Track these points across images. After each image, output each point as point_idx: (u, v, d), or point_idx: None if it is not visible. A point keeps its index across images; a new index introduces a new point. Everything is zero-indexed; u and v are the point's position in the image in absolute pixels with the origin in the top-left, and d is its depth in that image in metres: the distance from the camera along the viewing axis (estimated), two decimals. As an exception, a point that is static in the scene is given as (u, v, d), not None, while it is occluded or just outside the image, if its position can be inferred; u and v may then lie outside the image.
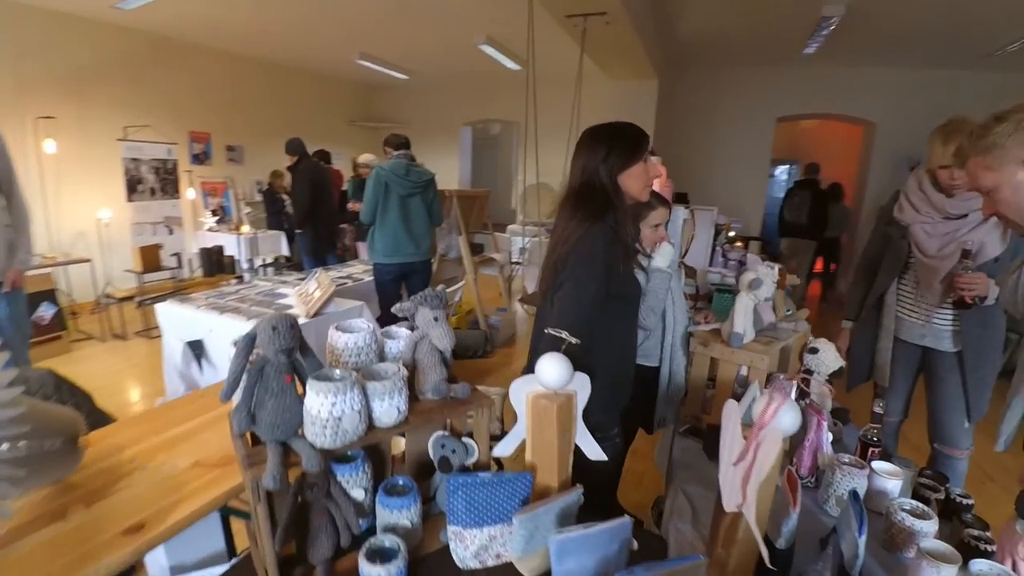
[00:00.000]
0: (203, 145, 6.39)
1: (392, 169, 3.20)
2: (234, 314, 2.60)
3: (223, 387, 0.82)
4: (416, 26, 5.19)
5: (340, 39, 5.80)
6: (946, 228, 1.74)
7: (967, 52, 5.00)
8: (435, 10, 4.67)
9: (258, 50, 6.53)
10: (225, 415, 1.30)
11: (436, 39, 5.67)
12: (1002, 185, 1.02)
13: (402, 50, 6.25)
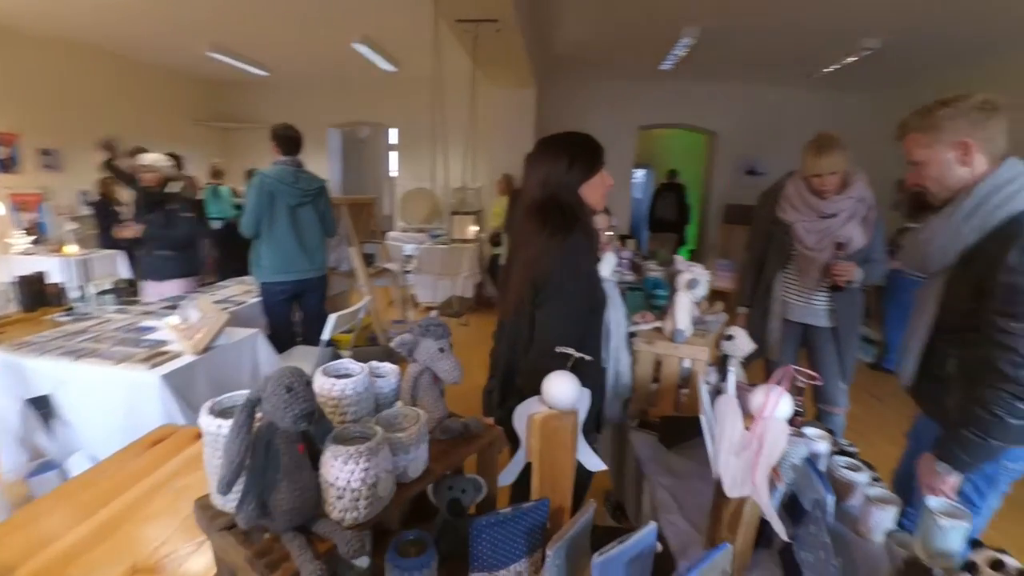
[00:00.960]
0: (9, 149, 5.18)
1: (278, 176, 2.88)
2: (93, 359, 2.08)
3: (221, 479, 0.63)
4: (281, 19, 4.76)
5: (188, 27, 5.09)
6: (821, 225, 2.06)
7: (793, 73, 5.97)
8: (306, 4, 4.32)
9: (82, 35, 5.48)
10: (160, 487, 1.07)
11: (304, 35, 5.25)
12: (932, 161, 1.21)
13: (262, 44, 5.69)
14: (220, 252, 5.93)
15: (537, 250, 1.25)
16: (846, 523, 1.19)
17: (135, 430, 1.45)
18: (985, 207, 1.15)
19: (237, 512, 0.64)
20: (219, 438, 0.67)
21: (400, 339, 0.94)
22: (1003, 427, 1.09)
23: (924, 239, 1.28)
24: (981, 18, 4.14)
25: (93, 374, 2.06)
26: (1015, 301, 1.08)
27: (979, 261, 1.16)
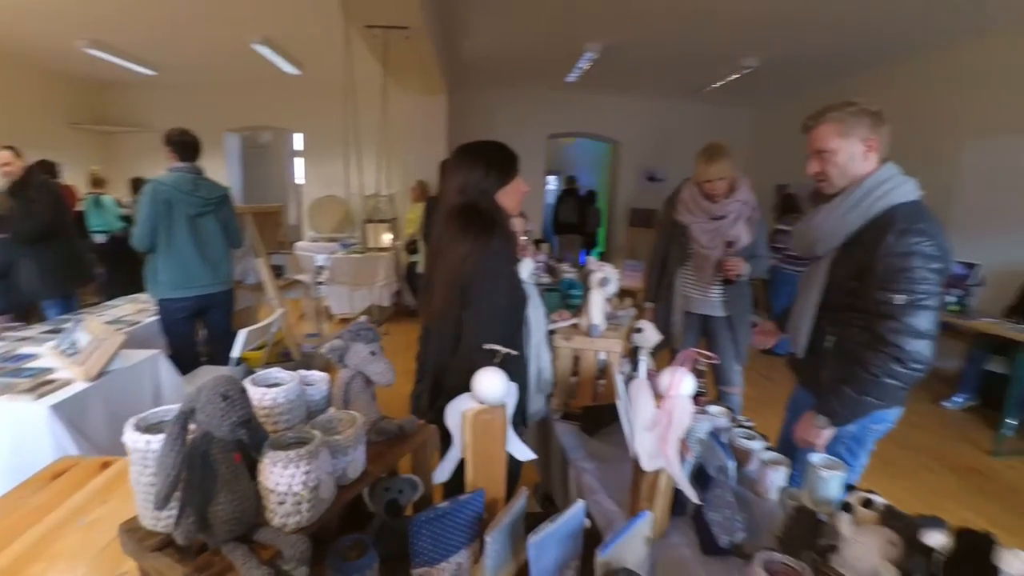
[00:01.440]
0: None
1: (175, 184, 2.67)
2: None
3: (157, 493, 0.60)
4: (171, 15, 4.43)
5: (57, 19, 4.58)
6: (712, 226, 2.29)
7: (686, 87, 6.50)
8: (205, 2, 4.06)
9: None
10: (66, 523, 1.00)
11: (197, 32, 4.91)
12: (843, 151, 1.37)
13: (149, 41, 5.24)
14: (106, 269, 5.38)
15: (460, 254, 1.30)
16: (746, 486, 1.35)
17: (23, 469, 1.30)
18: (868, 199, 1.34)
19: (176, 527, 0.62)
20: (148, 455, 0.65)
21: (331, 345, 0.95)
22: (879, 386, 1.28)
23: (815, 224, 1.45)
24: (842, 42, 4.77)
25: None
26: (893, 278, 1.26)
27: (860, 245, 1.34)
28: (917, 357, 1.24)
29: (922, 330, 1.25)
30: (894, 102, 5.15)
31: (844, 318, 1.42)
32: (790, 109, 6.87)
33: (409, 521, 0.91)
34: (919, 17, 4.07)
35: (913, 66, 5.05)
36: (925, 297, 1.24)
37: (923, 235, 1.24)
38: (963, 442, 3.41)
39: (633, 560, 0.95)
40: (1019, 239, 4.08)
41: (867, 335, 1.32)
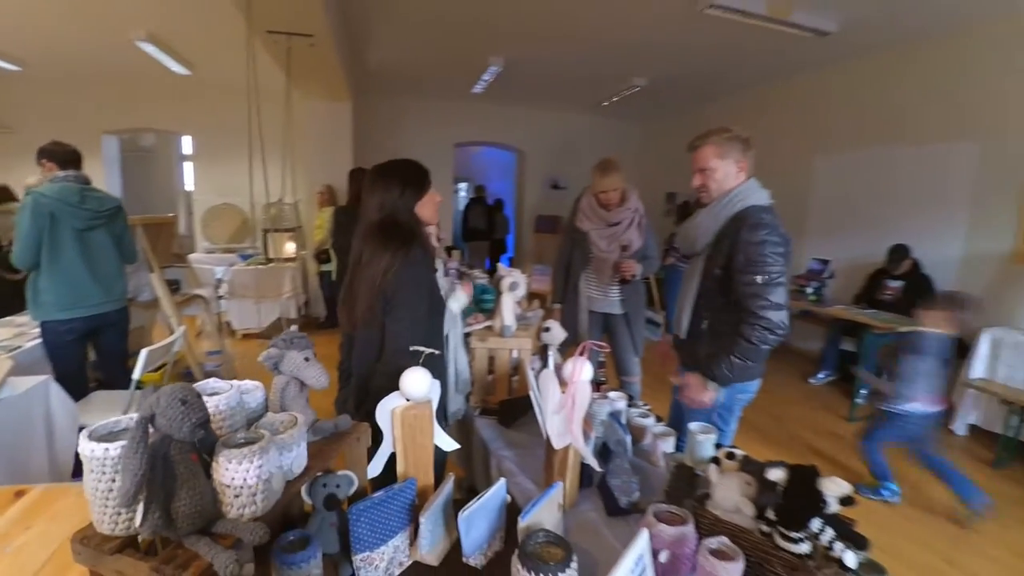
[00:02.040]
0: None
1: (60, 196, 2.47)
2: None
3: (120, 494, 0.65)
4: (44, 4, 3.99)
5: None
6: (610, 232, 2.56)
7: (584, 101, 6.93)
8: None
9: None
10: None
11: (73, 25, 4.46)
12: (719, 168, 1.67)
13: (14, 32, 4.67)
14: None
15: (382, 266, 1.40)
16: (642, 457, 1.57)
17: None
18: (732, 202, 1.65)
19: (142, 524, 0.67)
20: (107, 462, 0.70)
21: (266, 354, 1.01)
22: (756, 351, 1.57)
23: (695, 225, 1.76)
24: (715, 68, 5.38)
25: None
26: (752, 262, 1.56)
27: (725, 238, 1.65)
28: (780, 324, 1.56)
29: (780, 302, 1.56)
30: (760, 121, 5.91)
31: (715, 303, 1.72)
32: (675, 124, 7.59)
33: (348, 512, 1.01)
34: (774, 52, 4.72)
35: (774, 91, 5.81)
36: (777, 276, 1.55)
37: (767, 227, 1.57)
38: (826, 411, 4.01)
39: (549, 524, 1.11)
40: (862, 238, 4.83)
41: (734, 316, 1.62)
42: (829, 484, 0.95)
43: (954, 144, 4.12)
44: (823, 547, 0.92)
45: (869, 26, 4.08)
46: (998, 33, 3.79)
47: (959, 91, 4.08)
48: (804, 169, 5.44)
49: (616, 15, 4.05)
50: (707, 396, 1.68)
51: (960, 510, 2.58)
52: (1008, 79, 3.75)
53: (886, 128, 4.66)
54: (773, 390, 4.28)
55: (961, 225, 4.09)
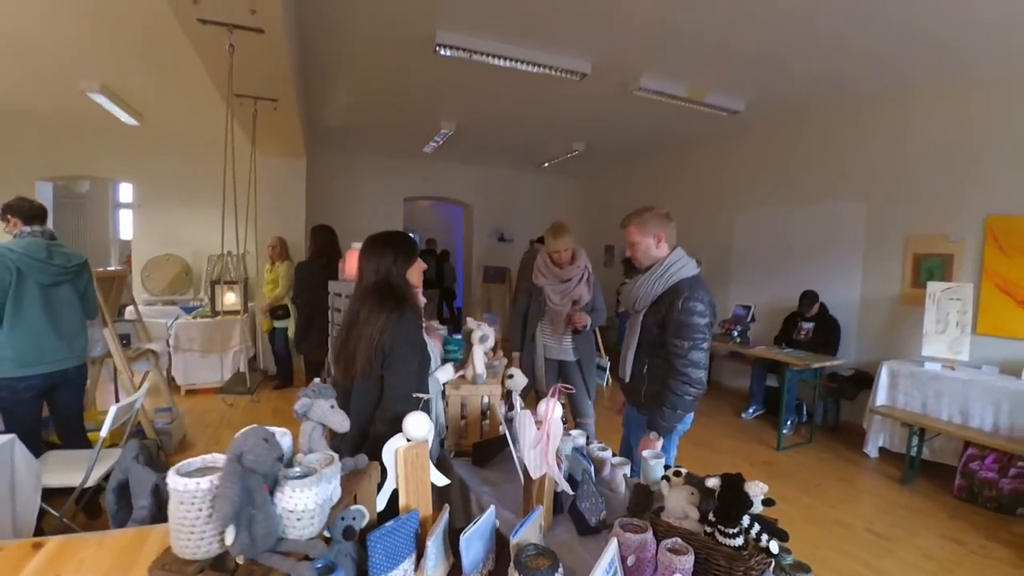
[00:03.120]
0: None
1: (27, 251, 2.47)
2: None
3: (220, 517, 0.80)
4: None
5: None
6: (562, 287, 2.87)
7: (525, 162, 7.48)
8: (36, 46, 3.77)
9: None
10: None
11: (17, 71, 4.40)
12: (642, 243, 2.03)
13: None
14: None
15: (379, 326, 1.60)
16: (603, 486, 1.81)
17: None
18: (665, 274, 2.00)
19: (232, 545, 0.83)
20: (196, 494, 0.86)
21: (300, 403, 1.19)
22: (682, 400, 1.91)
23: (635, 288, 2.10)
24: (643, 135, 6.03)
25: None
26: (680, 330, 1.91)
27: (661, 305, 1.99)
28: (699, 381, 1.93)
29: (700, 364, 1.93)
30: (687, 180, 6.59)
31: (654, 352, 2.07)
32: (610, 181, 8.28)
33: (366, 539, 1.17)
34: (695, 123, 5.41)
35: (698, 154, 6.55)
36: (700, 342, 1.92)
37: (697, 300, 1.92)
38: (757, 442, 4.42)
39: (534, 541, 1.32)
40: (777, 285, 5.46)
41: (667, 366, 1.96)
42: (752, 487, 1.23)
43: (844, 203, 4.85)
44: (753, 539, 1.19)
45: (768, 105, 4.82)
46: (874, 106, 4.57)
47: (845, 157, 4.85)
48: (727, 223, 6.11)
49: (558, 93, 4.55)
50: (654, 444, 1.99)
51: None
52: (885, 145, 4.51)
53: (788, 188, 5.40)
54: (709, 425, 4.70)
55: (856, 272, 4.77)
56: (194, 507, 0.86)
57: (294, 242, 5.81)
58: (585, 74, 3.98)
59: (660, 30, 3.40)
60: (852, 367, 4.65)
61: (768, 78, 4.17)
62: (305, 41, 3.59)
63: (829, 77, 4.11)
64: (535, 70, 3.87)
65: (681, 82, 4.32)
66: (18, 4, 3.16)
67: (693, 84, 4.36)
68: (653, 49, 3.70)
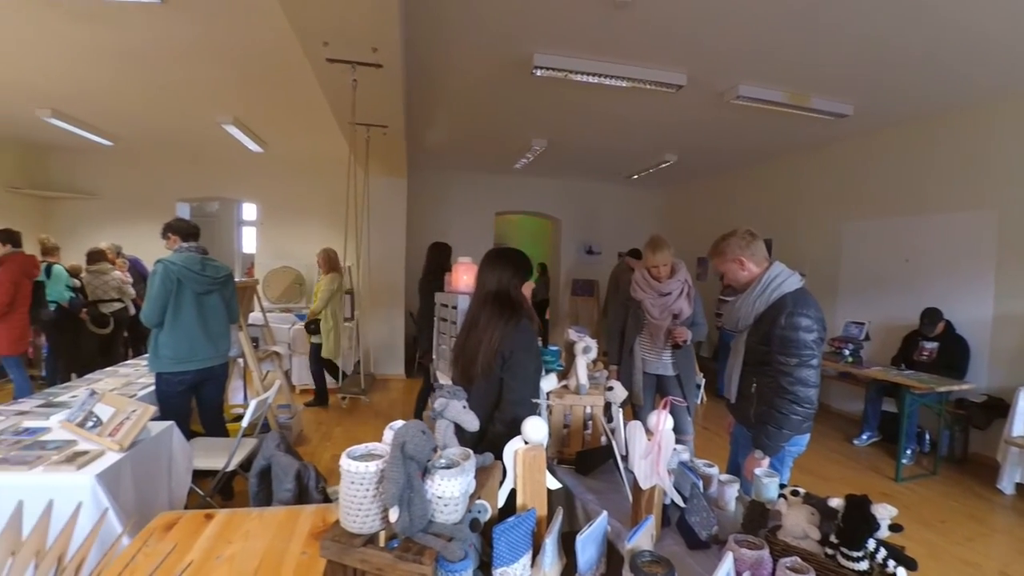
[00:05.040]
0: None
1: (185, 263, 2.89)
2: (1, 466, 1.93)
3: (388, 497, 0.93)
4: (144, 93, 4.66)
5: (27, 94, 4.70)
6: (662, 301, 2.86)
7: (614, 174, 7.49)
8: (178, 82, 4.38)
9: None
10: (204, 563, 1.27)
11: (167, 110, 5.14)
12: (726, 271, 2.03)
13: (115, 114, 5.38)
14: (49, 341, 5.17)
15: (500, 331, 1.72)
16: (709, 503, 1.80)
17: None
18: (767, 291, 1.96)
19: (396, 524, 0.95)
20: (365, 476, 1.00)
21: (439, 403, 1.32)
22: (788, 420, 1.85)
23: (735, 308, 2.08)
24: (744, 142, 5.84)
25: (3, 481, 1.89)
26: (786, 345, 1.85)
27: (765, 322, 1.95)
28: (808, 400, 1.85)
29: (808, 382, 1.85)
30: (788, 189, 6.28)
31: (760, 371, 2.01)
32: (701, 191, 8.03)
33: (491, 531, 1.27)
34: (798, 129, 5.15)
35: (800, 162, 6.21)
36: (808, 358, 1.84)
37: (803, 315, 1.86)
38: (871, 472, 4.09)
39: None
40: (894, 301, 5.03)
41: (774, 383, 1.90)
42: (880, 509, 1.19)
43: (971, 212, 4.39)
44: (878, 565, 1.15)
45: (883, 108, 4.49)
46: (1008, 105, 4.13)
47: (973, 161, 4.40)
48: (833, 234, 5.73)
49: (651, 106, 4.54)
50: (759, 465, 1.93)
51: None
52: (1020, 148, 4.05)
53: (905, 196, 4.97)
54: (817, 450, 4.42)
55: (987, 288, 4.29)
56: (363, 487, 1.00)
57: (396, 257, 6.22)
58: (680, 86, 3.95)
59: (760, 38, 3.32)
60: (984, 392, 4.18)
61: (883, 79, 3.92)
62: (411, 70, 3.89)
63: (955, 74, 3.78)
64: (629, 85, 3.90)
65: (782, 88, 4.16)
66: (166, 49, 3.69)
67: (795, 89, 4.18)
68: (752, 57, 3.61)
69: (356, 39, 2.76)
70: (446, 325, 3.40)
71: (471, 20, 3.12)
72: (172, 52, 3.70)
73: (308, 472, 1.91)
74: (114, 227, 6.96)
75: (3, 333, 3.98)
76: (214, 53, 3.68)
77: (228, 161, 7.19)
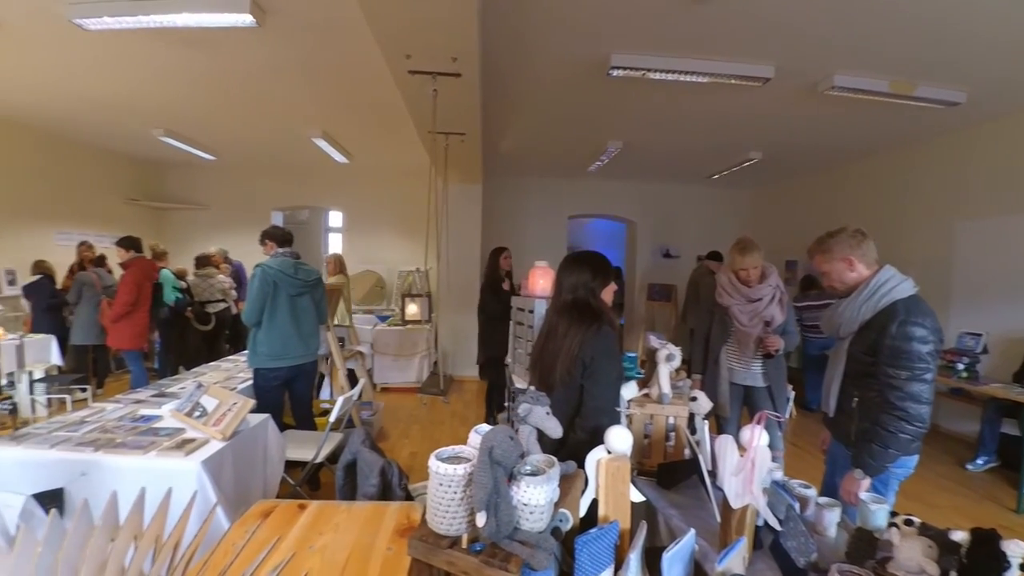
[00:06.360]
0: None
1: (281, 267, 3.12)
2: (117, 449, 2.14)
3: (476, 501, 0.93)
4: (244, 112, 5.09)
5: (143, 115, 5.26)
6: (751, 307, 2.70)
7: (693, 175, 7.21)
8: (275, 101, 4.71)
9: (16, 113, 5.39)
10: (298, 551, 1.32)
11: (264, 127, 5.58)
12: (831, 271, 1.87)
13: (218, 132, 5.93)
14: (162, 338, 5.74)
15: (579, 338, 1.70)
16: (806, 528, 1.66)
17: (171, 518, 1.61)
18: (875, 296, 1.79)
19: (484, 526, 0.97)
20: (453, 478, 1.01)
21: (523, 408, 1.32)
22: (896, 439, 1.68)
23: (838, 314, 1.92)
24: (839, 137, 5.43)
25: (119, 464, 2.09)
26: (896, 356, 1.68)
27: (871, 330, 1.78)
28: (919, 418, 1.67)
29: (921, 398, 1.67)
30: (889, 187, 5.75)
31: (863, 383, 1.84)
32: (789, 190, 7.53)
33: (573, 541, 1.25)
34: (901, 121, 4.71)
35: (903, 157, 5.68)
36: (921, 372, 1.66)
37: (918, 325, 1.68)
38: (988, 501, 3.64)
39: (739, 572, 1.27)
40: (1017, 309, 4.47)
41: (880, 398, 1.73)
42: (1011, 546, 1.05)
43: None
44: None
45: (1003, 92, 4.00)
46: None
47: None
48: (943, 234, 5.17)
49: (734, 101, 4.32)
50: (859, 488, 1.76)
51: None
52: None
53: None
54: (924, 475, 3.98)
55: None
56: (450, 489, 1.01)
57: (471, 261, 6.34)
58: (768, 79, 3.73)
59: (858, 22, 3.06)
60: None
61: (1005, 61, 3.48)
62: (488, 77, 3.95)
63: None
64: (710, 80, 3.74)
65: (883, 76, 3.81)
66: (262, 70, 3.97)
67: (898, 77, 3.82)
68: (849, 44, 3.34)
69: (436, 50, 2.85)
70: (522, 329, 3.40)
71: (547, 24, 3.12)
72: (267, 72, 3.99)
73: (392, 469, 1.98)
74: (219, 234, 7.62)
75: (126, 330, 4.46)
76: (305, 71, 3.94)
77: (317, 172, 7.68)
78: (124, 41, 3.46)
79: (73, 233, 6.33)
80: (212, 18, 2.94)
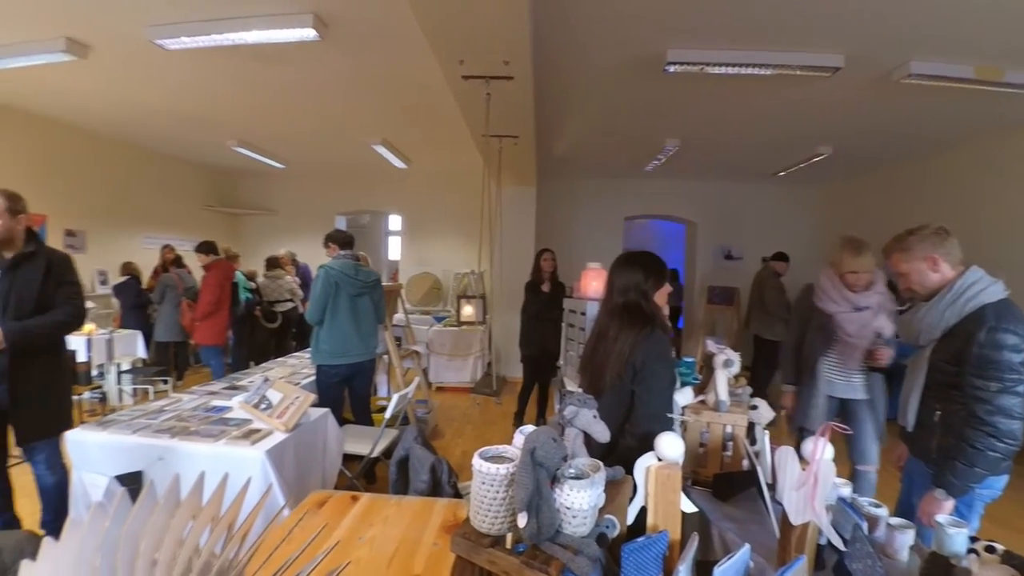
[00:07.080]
0: (37, 229, 5.41)
1: (342, 269, 3.26)
2: (190, 436, 2.30)
3: (518, 501, 0.93)
4: (311, 122, 5.34)
5: (219, 127, 5.65)
6: (859, 316, 2.45)
7: (756, 173, 6.90)
8: (338, 110, 4.93)
9: (109, 129, 5.93)
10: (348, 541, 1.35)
11: (329, 136, 5.85)
12: (911, 272, 1.74)
13: (287, 142, 6.27)
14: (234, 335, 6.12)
15: (631, 341, 1.66)
16: (876, 550, 1.55)
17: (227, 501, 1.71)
18: (960, 299, 1.65)
19: (524, 529, 0.96)
20: (496, 477, 1.02)
21: (569, 410, 1.31)
22: (983, 457, 1.54)
23: (917, 319, 1.77)
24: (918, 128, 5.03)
25: (193, 450, 2.25)
26: (985, 367, 1.54)
27: (956, 337, 1.64)
28: (1010, 434, 1.52)
29: (1013, 412, 1.53)
30: (975, 181, 5.26)
31: (947, 395, 1.69)
32: (864, 185, 7.02)
33: (619, 549, 1.22)
34: (988, 110, 4.30)
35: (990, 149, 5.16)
36: (1013, 384, 1.52)
37: (1010, 332, 1.53)
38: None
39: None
40: None
41: (967, 411, 1.59)
42: None
43: None
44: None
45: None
46: None
47: None
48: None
49: (800, 93, 4.10)
50: (941, 509, 1.62)
51: None
52: None
53: None
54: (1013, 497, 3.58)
55: None
56: (493, 488, 1.02)
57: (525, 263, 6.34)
58: (838, 68, 3.50)
59: (935, 3, 2.81)
60: None
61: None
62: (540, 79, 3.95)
63: None
64: (774, 72, 3.56)
65: (967, 61, 3.49)
66: (324, 81, 4.16)
67: (984, 62, 3.48)
68: (926, 27, 3.07)
69: (489, 55, 2.88)
70: (574, 331, 3.38)
71: (599, 23, 3.08)
72: (330, 83, 4.19)
73: (442, 466, 2.02)
74: (287, 238, 8.06)
75: (209, 327, 4.81)
76: (366, 81, 4.09)
77: (377, 178, 7.95)
78: (200, 59, 3.73)
79: (158, 237, 6.89)
80: (279, 34, 3.12)
